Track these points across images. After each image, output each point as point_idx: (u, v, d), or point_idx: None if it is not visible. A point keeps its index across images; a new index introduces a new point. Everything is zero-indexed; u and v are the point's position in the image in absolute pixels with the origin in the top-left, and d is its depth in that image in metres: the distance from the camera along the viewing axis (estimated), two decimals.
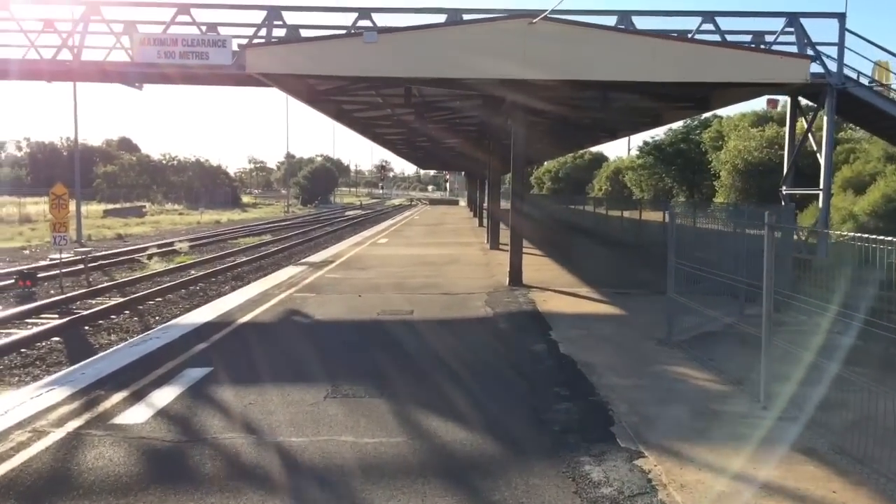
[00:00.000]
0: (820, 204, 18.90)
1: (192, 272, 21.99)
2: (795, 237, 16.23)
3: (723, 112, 45.39)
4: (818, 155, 19.33)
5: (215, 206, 76.78)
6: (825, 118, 18.64)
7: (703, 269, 8.61)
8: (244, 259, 25.54)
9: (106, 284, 18.76)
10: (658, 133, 51.38)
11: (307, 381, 7.34)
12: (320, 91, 18.05)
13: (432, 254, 21.20)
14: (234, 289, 18.12)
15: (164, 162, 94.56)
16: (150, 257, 25.74)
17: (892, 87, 20.84)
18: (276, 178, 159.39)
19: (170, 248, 29.06)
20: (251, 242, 33.26)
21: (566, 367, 7.83)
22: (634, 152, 58.91)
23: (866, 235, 5.69)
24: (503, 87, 14.28)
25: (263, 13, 18.35)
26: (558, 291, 13.58)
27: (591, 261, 19.84)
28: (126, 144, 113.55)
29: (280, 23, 18.35)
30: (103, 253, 26.35)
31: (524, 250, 15.67)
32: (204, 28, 18.50)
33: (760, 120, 39.60)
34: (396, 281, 15.17)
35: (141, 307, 15.94)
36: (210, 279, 20.73)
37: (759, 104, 45.91)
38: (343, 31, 15.69)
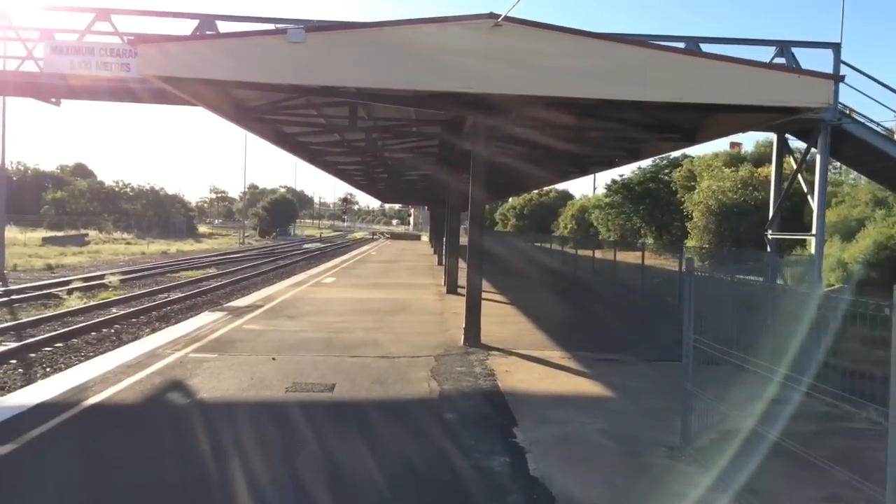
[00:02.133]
0: (812, 250, 16.83)
1: (113, 311, 19.36)
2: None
3: (693, 152, 44.00)
4: (809, 197, 17.33)
5: (169, 235, 73.64)
6: (818, 157, 16.68)
7: (732, 353, 6.02)
8: (177, 296, 22.74)
9: (4, 325, 15.89)
10: (625, 172, 49.79)
11: None
12: (250, 108, 15.38)
13: (379, 298, 18.43)
14: (154, 331, 15.54)
15: (116, 189, 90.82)
16: (70, 292, 22.77)
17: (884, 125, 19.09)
18: (238, 208, 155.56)
19: (99, 282, 26.11)
20: (192, 276, 30.33)
21: None
22: (601, 190, 57.36)
23: None
24: (460, 105, 11.80)
25: (195, 23, 15.91)
26: (525, 357, 10.87)
27: (562, 311, 17.28)
28: (81, 170, 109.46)
29: (213, 34, 15.87)
30: (21, 286, 23.41)
31: (485, 295, 13.06)
32: (128, 39, 16.03)
33: (733, 160, 38.20)
34: (328, 335, 12.40)
35: (33, 355, 13.32)
36: (130, 319, 18.12)
37: (723, 146, 44.74)
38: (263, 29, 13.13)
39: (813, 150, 16.75)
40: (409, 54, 10.44)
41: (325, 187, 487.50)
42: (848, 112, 17.00)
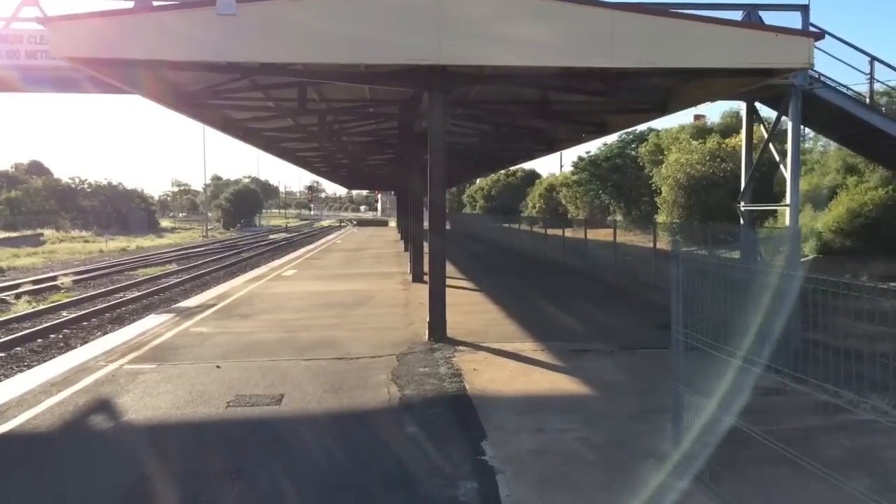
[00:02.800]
0: (787, 221, 16.24)
1: (63, 314, 18.25)
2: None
3: (658, 125, 43.48)
4: (781, 166, 16.73)
5: (129, 231, 71.44)
6: (790, 125, 16.07)
7: (725, 348, 5.22)
8: (133, 295, 21.60)
9: None
10: (591, 148, 49.12)
11: None
12: (190, 93, 14.28)
13: (341, 290, 17.46)
14: (105, 334, 14.47)
15: (73, 186, 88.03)
16: (19, 296, 21.47)
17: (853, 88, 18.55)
18: (202, 200, 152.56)
19: (51, 284, 24.78)
20: (150, 274, 29.04)
21: None
22: (568, 168, 56.70)
23: None
24: (414, 80, 10.87)
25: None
26: (495, 351, 10.01)
27: (533, 295, 16.46)
28: (37, 168, 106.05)
29: (130, 8, 14.67)
30: None
31: (452, 282, 12.18)
32: (37, 18, 14.79)
33: (700, 132, 37.68)
34: (282, 336, 11.45)
35: None
36: (80, 323, 17.01)
37: (688, 118, 44.31)
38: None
39: (784, 117, 16.15)
40: (354, 24, 9.44)
41: (290, 176, 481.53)
42: (818, 77, 16.39)
